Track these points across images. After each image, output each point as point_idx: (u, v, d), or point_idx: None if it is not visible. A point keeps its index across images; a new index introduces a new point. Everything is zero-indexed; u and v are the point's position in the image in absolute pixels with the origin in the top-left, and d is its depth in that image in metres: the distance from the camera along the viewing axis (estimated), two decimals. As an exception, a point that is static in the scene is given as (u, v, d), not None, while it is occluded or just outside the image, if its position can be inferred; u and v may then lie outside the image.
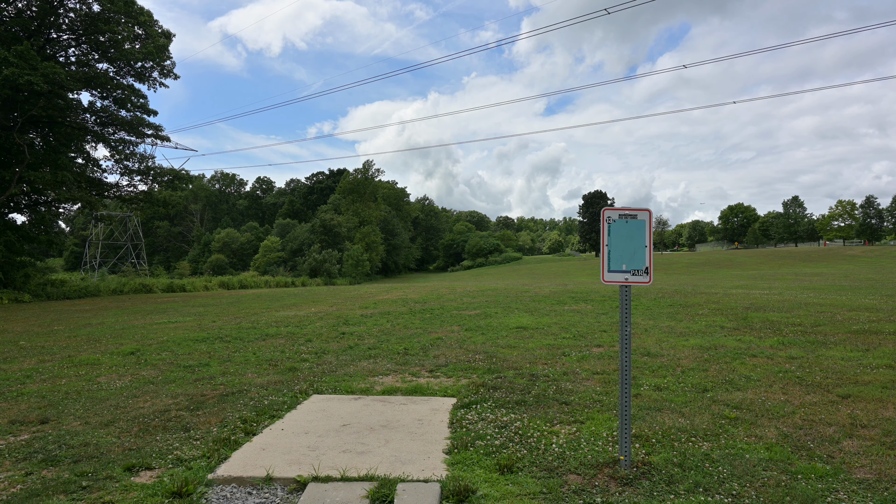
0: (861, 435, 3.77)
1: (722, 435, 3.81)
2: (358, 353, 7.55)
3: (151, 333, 10.05)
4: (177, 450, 3.76)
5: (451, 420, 4.32)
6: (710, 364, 6.08)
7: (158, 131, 26.72)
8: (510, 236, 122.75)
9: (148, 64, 25.44)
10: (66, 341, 9.32)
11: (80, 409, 4.95)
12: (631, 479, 3.13)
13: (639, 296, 13.42)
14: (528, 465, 3.38)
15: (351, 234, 70.60)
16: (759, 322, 8.99)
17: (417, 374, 6.16)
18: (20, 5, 22.51)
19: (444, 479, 3.15)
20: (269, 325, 10.67)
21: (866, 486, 2.99)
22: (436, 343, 8.04)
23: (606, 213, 3.43)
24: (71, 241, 76.58)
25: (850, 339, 7.23)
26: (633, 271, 3.38)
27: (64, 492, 3.11)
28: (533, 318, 10.29)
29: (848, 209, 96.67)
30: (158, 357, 7.54)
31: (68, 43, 24.47)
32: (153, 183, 28.01)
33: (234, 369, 6.60)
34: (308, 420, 4.40)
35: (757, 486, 3.02)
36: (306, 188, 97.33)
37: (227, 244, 79.53)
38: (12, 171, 21.87)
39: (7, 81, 19.57)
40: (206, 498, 3.03)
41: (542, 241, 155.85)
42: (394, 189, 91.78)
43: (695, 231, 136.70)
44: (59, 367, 7.00)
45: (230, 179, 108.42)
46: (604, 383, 5.38)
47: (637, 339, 7.82)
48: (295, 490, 3.12)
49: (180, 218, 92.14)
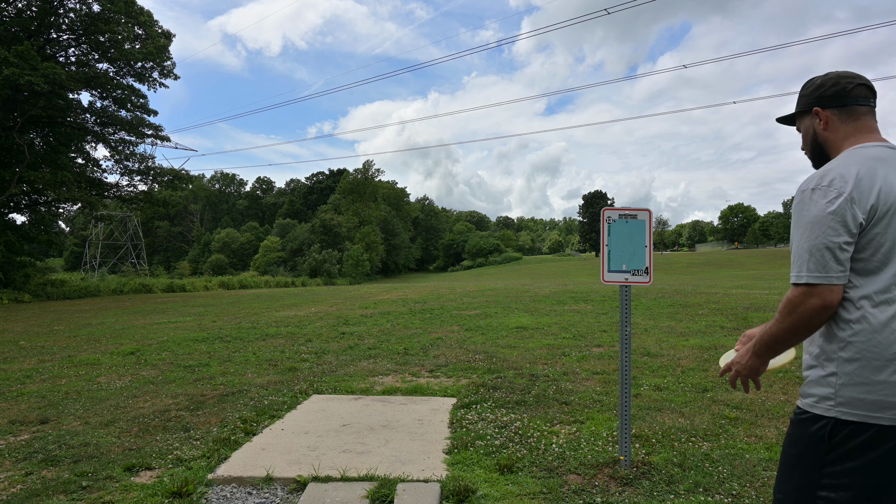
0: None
1: (722, 435, 3.81)
2: (358, 353, 7.55)
3: (151, 333, 10.05)
4: (177, 450, 3.76)
5: (451, 420, 4.32)
6: (710, 364, 6.08)
7: (158, 131, 26.73)
8: (510, 236, 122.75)
9: (148, 64, 25.43)
10: (66, 341, 9.32)
11: (80, 409, 4.95)
12: (631, 479, 3.13)
13: (639, 296, 13.42)
14: (528, 465, 3.38)
15: (351, 234, 70.59)
16: (759, 322, 8.99)
17: (417, 374, 6.16)
18: (20, 5, 22.51)
19: (444, 479, 3.15)
20: (269, 325, 10.67)
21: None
22: (436, 343, 8.05)
23: (606, 213, 3.43)
24: (71, 241, 76.52)
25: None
26: (633, 271, 3.37)
27: (64, 492, 3.11)
28: (533, 318, 10.29)
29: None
30: (158, 357, 7.54)
31: (68, 43, 24.47)
32: (153, 183, 28.02)
33: (234, 369, 6.61)
34: (308, 420, 4.40)
35: (757, 486, 3.02)
36: (306, 188, 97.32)
37: (227, 244, 79.51)
38: (12, 171, 21.87)
39: (7, 81, 19.57)
40: (206, 498, 3.03)
41: (542, 241, 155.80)
42: (394, 189, 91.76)
43: (695, 231, 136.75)
44: (59, 367, 7.00)
45: (230, 179, 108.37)
46: (604, 383, 5.38)
47: (637, 339, 7.82)
48: (295, 490, 3.12)
49: (180, 218, 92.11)
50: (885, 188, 1.42)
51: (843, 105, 1.59)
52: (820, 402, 1.47)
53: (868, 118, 1.58)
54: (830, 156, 1.61)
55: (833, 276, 1.39)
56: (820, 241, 1.40)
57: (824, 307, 1.40)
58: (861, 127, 1.57)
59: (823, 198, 1.42)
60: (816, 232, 1.41)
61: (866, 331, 1.40)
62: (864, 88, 1.59)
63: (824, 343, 1.48)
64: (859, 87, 1.59)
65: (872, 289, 1.41)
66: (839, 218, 1.40)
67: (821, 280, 1.39)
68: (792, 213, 1.52)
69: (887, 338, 1.38)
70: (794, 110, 1.73)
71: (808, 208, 1.45)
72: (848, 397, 1.42)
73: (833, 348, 1.46)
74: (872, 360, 1.39)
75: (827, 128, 1.61)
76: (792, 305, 1.44)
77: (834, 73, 1.64)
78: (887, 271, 1.41)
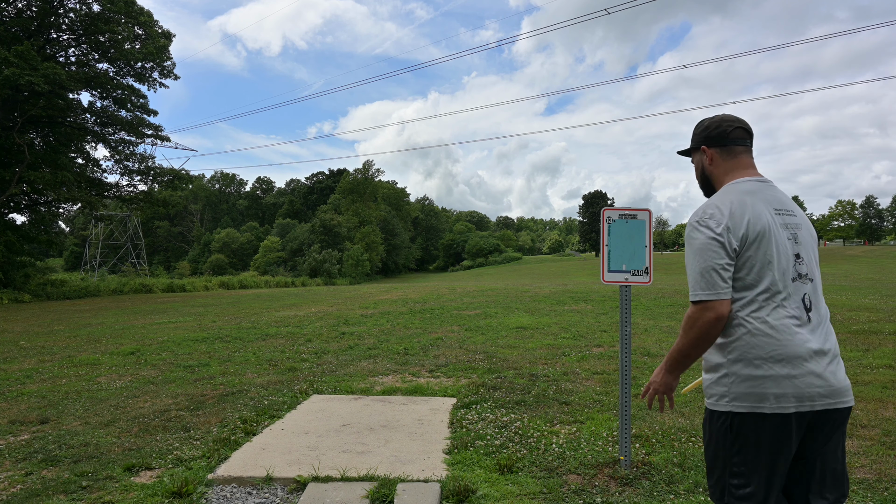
0: (861, 435, 3.77)
1: (722, 435, 3.81)
2: (358, 353, 7.55)
3: (151, 333, 10.05)
4: (177, 450, 3.76)
5: (451, 420, 4.32)
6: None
7: (158, 131, 26.71)
8: (510, 236, 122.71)
9: (148, 64, 25.42)
10: (66, 341, 9.32)
11: (80, 409, 4.95)
12: (631, 479, 3.13)
13: (639, 296, 13.42)
14: (528, 465, 3.38)
15: (351, 234, 70.57)
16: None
17: (417, 374, 6.16)
18: (20, 5, 22.51)
19: (444, 479, 3.15)
20: (269, 325, 10.67)
21: (866, 486, 2.99)
22: (436, 343, 8.05)
23: (606, 213, 3.43)
24: (71, 241, 76.49)
25: (850, 339, 7.23)
26: (633, 271, 3.37)
27: (64, 492, 3.11)
28: (533, 318, 10.29)
29: (848, 209, 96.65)
30: (158, 357, 7.54)
31: (68, 43, 24.47)
32: (153, 183, 28.00)
33: (234, 369, 6.61)
34: (308, 420, 4.40)
35: (757, 486, 3.02)
36: (306, 188, 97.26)
37: (227, 244, 79.49)
38: (12, 171, 21.87)
39: (7, 81, 19.57)
40: (206, 498, 3.03)
41: (542, 241, 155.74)
42: (394, 189, 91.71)
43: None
44: (59, 367, 7.00)
45: (230, 179, 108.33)
46: (604, 383, 5.38)
47: (637, 339, 7.82)
48: (295, 490, 3.12)
49: (180, 218, 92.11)
50: (752, 218, 1.71)
51: (723, 145, 1.88)
52: (719, 399, 1.71)
53: (744, 156, 1.88)
54: (715, 187, 1.93)
55: (721, 292, 1.67)
56: (707, 264, 1.68)
57: (718, 319, 1.66)
58: (738, 164, 1.87)
59: (707, 229, 1.71)
60: (704, 256, 1.69)
61: (746, 335, 1.67)
62: (742, 131, 1.89)
63: (716, 350, 1.74)
64: (738, 130, 1.88)
65: (749, 300, 1.69)
66: (719, 244, 1.68)
67: (712, 296, 1.66)
68: (686, 243, 1.80)
69: (762, 340, 1.65)
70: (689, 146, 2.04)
71: (696, 237, 1.74)
72: (738, 393, 1.67)
73: (723, 353, 1.72)
74: (753, 360, 1.66)
75: (711, 163, 1.92)
76: (692, 321, 1.69)
77: (719, 116, 1.94)
78: (760, 286, 1.68)
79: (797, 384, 1.64)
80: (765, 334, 1.65)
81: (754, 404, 1.65)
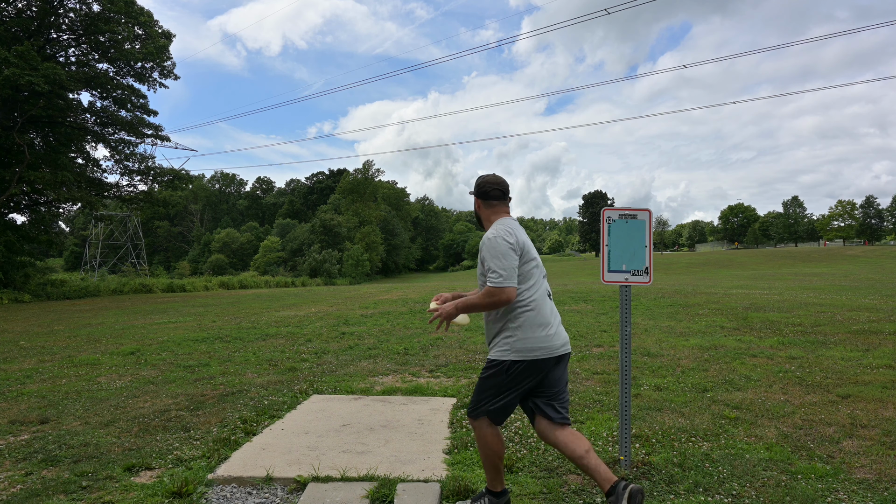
0: (861, 435, 3.77)
1: (722, 435, 3.81)
2: (358, 353, 7.55)
3: (151, 333, 10.05)
4: (177, 450, 3.76)
5: (451, 420, 4.32)
6: (710, 364, 6.08)
7: (158, 131, 26.73)
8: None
9: (148, 64, 25.44)
10: (66, 341, 9.32)
11: (80, 409, 4.95)
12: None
13: (639, 296, 13.42)
14: (528, 465, 3.38)
15: (351, 234, 70.58)
16: (759, 322, 8.99)
17: (417, 374, 6.16)
18: (20, 5, 22.51)
19: (444, 479, 3.14)
20: (269, 325, 10.67)
21: (866, 486, 2.99)
22: (436, 343, 8.05)
23: (606, 213, 3.43)
24: (71, 241, 76.48)
25: (850, 339, 7.23)
26: (633, 271, 3.37)
27: (64, 492, 3.11)
28: (533, 318, 10.27)
29: (848, 209, 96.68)
30: (158, 357, 7.54)
31: (68, 43, 24.47)
32: (153, 183, 28.01)
33: (234, 369, 6.61)
34: (308, 420, 4.40)
35: (757, 486, 3.02)
36: (306, 188, 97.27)
37: (227, 244, 79.50)
38: (12, 171, 21.88)
39: (7, 81, 19.58)
40: (206, 498, 3.03)
41: (542, 241, 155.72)
42: (394, 189, 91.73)
43: (695, 231, 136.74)
44: (59, 367, 7.00)
45: (230, 179, 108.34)
46: (604, 383, 5.38)
47: (637, 339, 7.82)
48: (295, 490, 3.12)
49: (180, 218, 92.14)
50: (521, 238, 2.61)
51: (485, 199, 2.79)
52: (503, 353, 2.59)
53: (500, 205, 2.78)
54: (484, 224, 2.80)
55: (514, 282, 2.52)
56: (508, 263, 2.51)
57: (509, 299, 2.50)
58: (496, 211, 2.77)
59: (505, 240, 2.55)
60: (507, 257, 2.51)
61: (527, 310, 2.59)
62: (498, 192, 2.77)
63: (504, 320, 2.61)
64: (495, 191, 2.77)
65: (526, 288, 2.60)
66: (514, 250, 2.55)
67: (510, 284, 2.49)
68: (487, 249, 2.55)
69: (536, 313, 2.59)
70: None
71: (499, 244, 2.53)
72: (518, 348, 2.56)
73: (509, 321, 2.59)
74: (530, 326, 2.57)
75: (479, 209, 2.85)
76: (492, 295, 2.50)
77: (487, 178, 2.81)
78: (532, 279, 2.62)
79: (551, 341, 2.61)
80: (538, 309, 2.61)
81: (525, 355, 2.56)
